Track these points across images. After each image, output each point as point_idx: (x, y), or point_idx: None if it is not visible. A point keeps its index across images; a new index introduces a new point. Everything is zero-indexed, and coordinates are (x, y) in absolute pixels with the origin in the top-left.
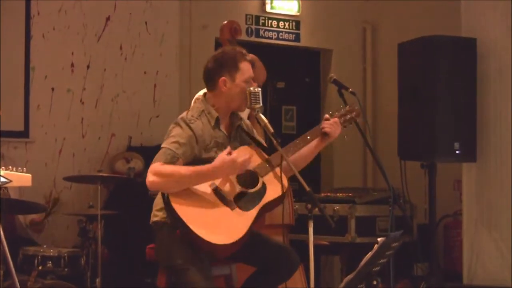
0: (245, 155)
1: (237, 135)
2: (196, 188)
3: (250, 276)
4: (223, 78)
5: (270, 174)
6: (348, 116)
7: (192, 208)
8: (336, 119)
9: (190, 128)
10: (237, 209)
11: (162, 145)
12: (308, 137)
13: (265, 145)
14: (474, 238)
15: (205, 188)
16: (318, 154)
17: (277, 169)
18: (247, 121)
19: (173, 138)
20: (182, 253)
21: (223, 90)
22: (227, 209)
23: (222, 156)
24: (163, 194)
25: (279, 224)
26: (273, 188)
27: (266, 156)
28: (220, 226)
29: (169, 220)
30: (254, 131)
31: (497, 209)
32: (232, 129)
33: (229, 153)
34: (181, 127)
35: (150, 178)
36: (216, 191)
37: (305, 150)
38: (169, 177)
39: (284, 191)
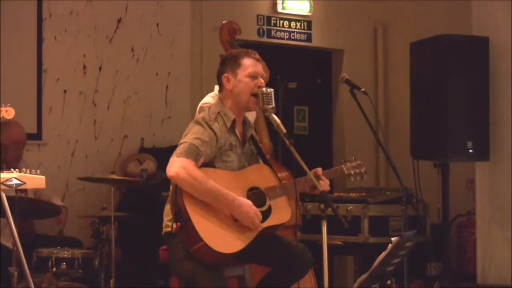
0: (260, 226)
1: (249, 144)
2: None
3: (264, 277)
4: (225, 75)
5: (278, 200)
6: (358, 170)
7: (199, 206)
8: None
9: (211, 128)
10: (240, 223)
11: (184, 140)
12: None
13: (266, 158)
14: (487, 238)
15: None
16: (331, 154)
17: (285, 198)
18: (254, 132)
19: (195, 135)
20: (194, 262)
21: (227, 87)
22: (231, 220)
23: (251, 205)
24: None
25: (288, 225)
26: (278, 214)
27: (279, 180)
28: (220, 232)
29: (172, 211)
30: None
31: (510, 208)
32: (245, 137)
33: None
34: (202, 126)
35: (177, 169)
36: None
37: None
38: (196, 182)
39: (286, 220)
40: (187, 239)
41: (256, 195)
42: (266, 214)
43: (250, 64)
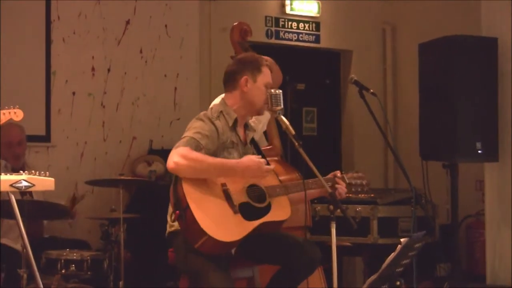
0: (270, 166)
1: (251, 147)
2: (208, 182)
3: (273, 277)
4: (245, 77)
5: (278, 198)
6: (359, 181)
7: (199, 194)
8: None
9: (212, 123)
10: (239, 215)
11: (185, 135)
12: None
13: (268, 161)
14: (497, 238)
15: (216, 186)
16: (340, 155)
17: (285, 198)
18: (257, 136)
19: (196, 129)
20: (200, 258)
21: (244, 89)
22: (230, 211)
23: (251, 157)
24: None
25: (297, 226)
26: (277, 211)
27: (279, 181)
28: (219, 220)
29: (172, 200)
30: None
31: None
32: (246, 138)
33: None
34: (203, 121)
35: (176, 159)
36: (226, 192)
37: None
38: (195, 163)
39: (285, 218)
40: (186, 227)
41: (256, 191)
42: (265, 211)
43: (268, 74)
